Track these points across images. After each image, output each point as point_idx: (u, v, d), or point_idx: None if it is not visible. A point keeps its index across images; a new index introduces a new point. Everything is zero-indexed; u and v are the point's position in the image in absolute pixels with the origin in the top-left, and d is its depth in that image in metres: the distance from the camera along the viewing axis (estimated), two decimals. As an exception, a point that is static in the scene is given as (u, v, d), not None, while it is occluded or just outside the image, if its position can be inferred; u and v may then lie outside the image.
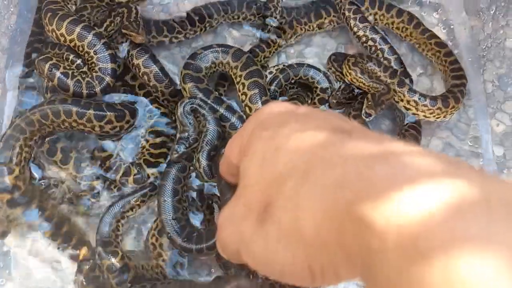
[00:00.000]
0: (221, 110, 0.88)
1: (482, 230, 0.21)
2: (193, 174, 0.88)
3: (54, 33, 0.89)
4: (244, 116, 0.91)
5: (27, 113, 0.85)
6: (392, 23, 1.03)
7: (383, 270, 0.23)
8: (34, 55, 0.95)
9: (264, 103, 0.88)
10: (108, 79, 0.88)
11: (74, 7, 0.97)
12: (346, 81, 0.94)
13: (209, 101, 0.88)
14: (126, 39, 0.92)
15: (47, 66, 0.86)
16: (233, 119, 0.89)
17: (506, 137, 0.96)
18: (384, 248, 0.23)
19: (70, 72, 0.87)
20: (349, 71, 0.92)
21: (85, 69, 0.89)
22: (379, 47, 0.99)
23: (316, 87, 0.96)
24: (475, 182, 0.24)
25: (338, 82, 0.97)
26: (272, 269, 0.32)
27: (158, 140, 0.91)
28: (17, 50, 0.99)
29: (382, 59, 0.98)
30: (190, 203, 0.87)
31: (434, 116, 0.93)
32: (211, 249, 0.81)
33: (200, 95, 0.88)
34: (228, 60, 0.93)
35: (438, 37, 1.01)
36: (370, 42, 0.99)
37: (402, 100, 0.93)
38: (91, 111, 0.85)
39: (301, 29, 1.02)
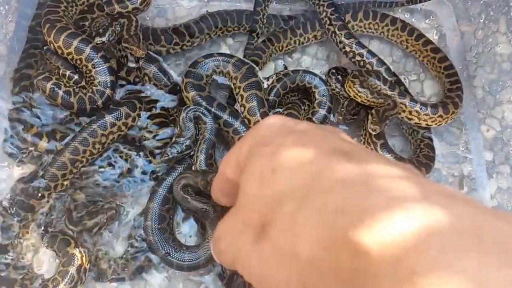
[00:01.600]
0: (225, 116, 0.90)
1: (474, 267, 0.23)
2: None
3: (52, 45, 0.90)
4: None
5: (56, 156, 0.86)
6: (387, 31, 1.05)
7: None
8: (29, 60, 0.96)
9: (262, 114, 0.90)
10: (108, 91, 0.89)
11: (75, 16, 0.97)
12: (359, 101, 0.94)
13: (212, 109, 0.90)
14: (126, 52, 0.93)
15: (48, 86, 0.88)
16: (237, 125, 0.90)
17: (496, 142, 0.99)
18: (379, 274, 0.25)
19: (71, 89, 0.88)
20: (359, 94, 0.93)
21: (83, 83, 0.91)
22: (367, 61, 1.00)
23: (314, 91, 0.98)
24: (469, 214, 0.26)
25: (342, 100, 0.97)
26: (266, 285, 0.33)
27: (161, 131, 0.93)
28: (14, 58, 0.99)
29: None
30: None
31: (435, 123, 0.95)
32: (192, 269, 0.83)
33: (204, 103, 0.90)
34: (229, 70, 0.94)
35: (433, 43, 1.03)
36: (357, 57, 1.00)
37: (404, 111, 0.95)
38: (108, 116, 0.87)
39: (295, 41, 1.04)
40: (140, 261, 0.86)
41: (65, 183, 0.87)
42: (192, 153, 0.89)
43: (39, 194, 0.85)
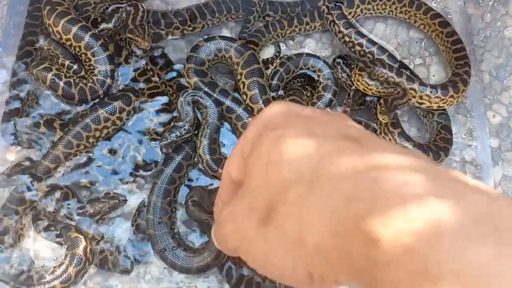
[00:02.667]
0: (227, 102, 0.89)
1: (490, 256, 0.22)
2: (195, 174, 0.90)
3: (51, 28, 0.88)
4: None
5: (49, 149, 0.86)
6: (395, 9, 1.02)
7: (389, 283, 0.24)
8: (28, 48, 0.94)
9: (264, 102, 0.88)
10: (109, 81, 0.88)
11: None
12: (369, 94, 0.91)
13: (214, 95, 0.88)
14: (130, 42, 0.91)
15: (49, 77, 0.86)
16: (239, 111, 0.89)
17: (502, 128, 0.97)
18: (390, 262, 0.24)
19: (71, 80, 0.87)
20: (369, 87, 0.89)
21: (82, 73, 0.89)
22: (367, 50, 0.97)
23: (319, 75, 0.95)
24: (483, 202, 0.25)
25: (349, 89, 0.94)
26: (271, 271, 0.33)
27: (162, 118, 0.92)
28: (11, 43, 0.97)
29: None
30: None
31: (447, 104, 0.93)
32: (183, 271, 0.83)
33: (206, 89, 0.89)
34: (231, 55, 0.92)
35: (441, 16, 1.00)
36: (357, 47, 0.97)
37: (414, 96, 0.92)
38: (101, 110, 0.86)
39: (300, 29, 1.01)
40: (142, 251, 0.86)
41: (57, 175, 0.87)
42: (191, 137, 0.88)
43: (31, 186, 0.85)
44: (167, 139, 0.85)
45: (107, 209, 0.86)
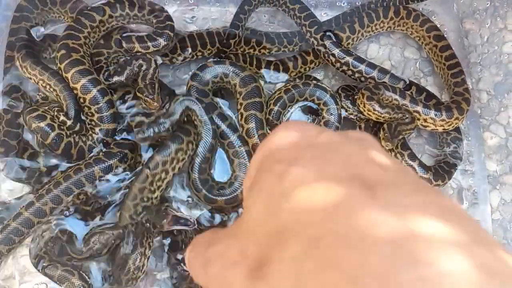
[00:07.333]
0: (223, 127, 0.88)
1: None
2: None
3: (60, 71, 0.86)
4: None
5: (35, 201, 0.82)
6: (393, 23, 1.00)
7: None
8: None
9: (260, 137, 0.87)
10: (109, 140, 0.87)
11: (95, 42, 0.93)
12: (381, 121, 0.89)
13: (213, 117, 0.87)
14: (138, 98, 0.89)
15: (51, 135, 0.84)
16: (233, 138, 0.88)
17: (500, 150, 0.95)
18: None
19: (72, 140, 0.86)
20: (382, 115, 0.87)
21: (77, 128, 0.87)
22: (368, 76, 0.94)
23: (323, 109, 0.92)
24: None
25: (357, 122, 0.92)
26: None
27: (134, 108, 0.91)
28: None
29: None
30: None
31: (452, 126, 0.91)
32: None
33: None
34: (236, 83, 0.90)
35: (438, 29, 0.98)
36: (357, 74, 0.94)
37: (418, 119, 0.90)
38: (96, 168, 0.83)
39: (305, 69, 0.99)
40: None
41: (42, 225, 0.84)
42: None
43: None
44: (144, 134, 0.82)
45: (113, 241, 0.82)
